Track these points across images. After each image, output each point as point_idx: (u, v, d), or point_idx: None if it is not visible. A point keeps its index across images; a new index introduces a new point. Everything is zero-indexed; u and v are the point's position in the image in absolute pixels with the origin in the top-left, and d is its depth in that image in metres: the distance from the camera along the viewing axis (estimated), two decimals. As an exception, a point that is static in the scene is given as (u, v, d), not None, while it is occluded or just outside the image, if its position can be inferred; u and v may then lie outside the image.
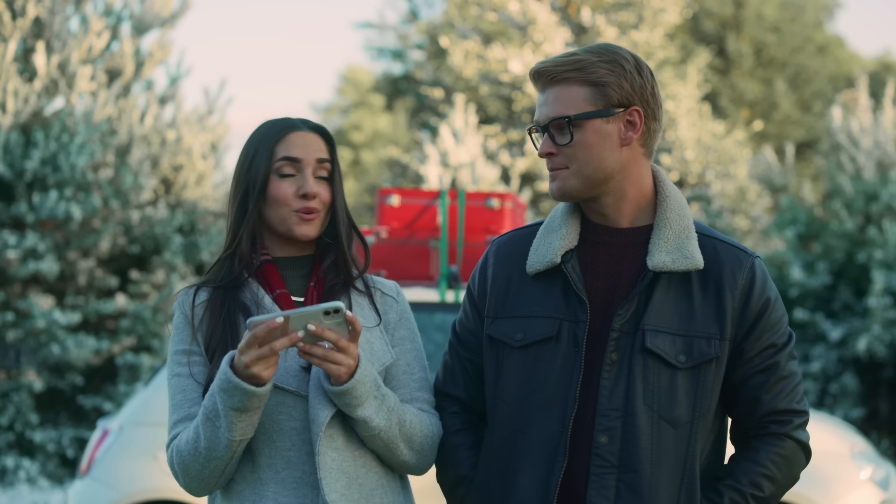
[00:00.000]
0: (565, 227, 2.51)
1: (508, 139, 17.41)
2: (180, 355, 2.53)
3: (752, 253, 2.49)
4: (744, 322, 2.42)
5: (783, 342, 2.45)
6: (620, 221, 2.48)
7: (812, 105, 25.98)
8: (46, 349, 10.26)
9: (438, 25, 23.31)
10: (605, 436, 2.37)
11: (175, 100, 12.09)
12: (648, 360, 2.38)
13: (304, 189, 2.52)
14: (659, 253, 2.41)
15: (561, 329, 2.45)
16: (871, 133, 14.22)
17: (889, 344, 12.04)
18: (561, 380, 2.42)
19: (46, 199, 10.21)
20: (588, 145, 2.42)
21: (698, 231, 2.48)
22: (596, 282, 2.46)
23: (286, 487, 2.46)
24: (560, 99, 2.43)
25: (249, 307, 2.51)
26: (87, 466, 5.90)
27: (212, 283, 2.57)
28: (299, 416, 2.46)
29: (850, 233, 12.92)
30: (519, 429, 2.46)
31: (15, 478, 10.10)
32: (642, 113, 2.44)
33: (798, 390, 2.47)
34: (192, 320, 2.52)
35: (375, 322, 2.57)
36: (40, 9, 11.11)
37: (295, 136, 2.56)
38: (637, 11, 17.45)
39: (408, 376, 2.59)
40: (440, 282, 5.95)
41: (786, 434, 2.44)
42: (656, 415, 2.37)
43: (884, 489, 6.03)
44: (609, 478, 2.36)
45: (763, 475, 2.42)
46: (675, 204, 2.47)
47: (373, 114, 31.00)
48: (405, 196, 6.28)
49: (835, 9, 27.88)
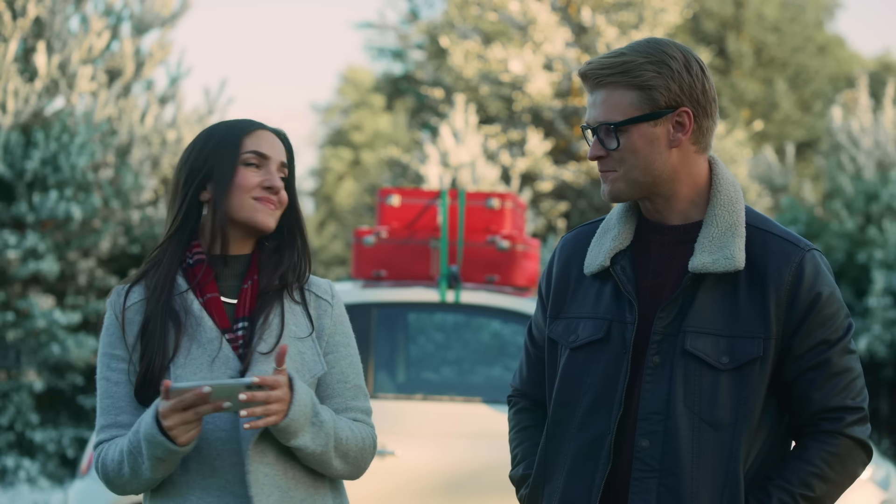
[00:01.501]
0: (619, 226, 2.49)
1: (509, 139, 17.40)
2: (108, 358, 2.54)
3: (806, 246, 2.42)
4: (791, 319, 2.36)
5: (836, 338, 2.38)
6: (672, 219, 2.45)
7: (812, 105, 25.98)
8: (47, 349, 10.25)
9: (439, 25, 23.32)
10: (647, 440, 2.36)
11: (175, 100, 12.09)
12: (689, 363, 2.35)
13: (271, 182, 2.54)
14: (701, 253, 2.37)
15: (611, 330, 2.44)
16: (871, 133, 14.21)
17: (889, 344, 12.03)
18: (608, 382, 2.42)
19: (47, 199, 10.21)
20: (635, 150, 2.39)
21: (752, 224, 2.42)
22: (646, 282, 2.44)
23: (210, 494, 2.48)
24: (607, 102, 2.39)
25: (179, 314, 2.50)
26: (88, 466, 5.90)
27: (143, 283, 2.56)
28: (225, 427, 2.48)
29: (850, 233, 12.92)
30: (570, 430, 2.46)
31: (15, 478, 10.10)
32: (692, 113, 2.39)
33: (854, 386, 2.38)
34: (122, 323, 2.53)
35: (308, 332, 2.56)
36: (41, 9, 11.11)
37: (264, 133, 2.59)
38: (637, 11, 17.43)
39: (342, 385, 2.59)
40: (440, 282, 5.95)
41: (838, 431, 2.36)
42: (697, 417, 2.34)
43: (884, 489, 6.03)
44: (651, 482, 2.35)
45: (814, 474, 2.35)
46: (726, 199, 2.42)
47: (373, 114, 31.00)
48: (405, 196, 6.28)
49: (835, 9, 27.88)
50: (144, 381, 2.48)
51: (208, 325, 2.50)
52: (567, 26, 17.48)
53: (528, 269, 6.21)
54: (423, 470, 5.55)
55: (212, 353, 2.48)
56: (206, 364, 2.48)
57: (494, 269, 6.08)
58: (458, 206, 6.15)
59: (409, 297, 5.94)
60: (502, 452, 5.89)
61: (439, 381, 5.90)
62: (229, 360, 2.49)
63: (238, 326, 2.53)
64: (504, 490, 5.82)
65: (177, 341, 2.49)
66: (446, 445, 5.56)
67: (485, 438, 5.59)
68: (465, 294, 5.95)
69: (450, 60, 18.42)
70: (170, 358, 2.48)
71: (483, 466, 5.56)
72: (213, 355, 2.48)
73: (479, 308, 6.03)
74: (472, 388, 6.31)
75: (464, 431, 5.61)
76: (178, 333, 2.49)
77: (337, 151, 31.66)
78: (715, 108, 2.44)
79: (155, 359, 2.47)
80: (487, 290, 5.99)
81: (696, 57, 2.43)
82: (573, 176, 16.92)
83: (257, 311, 2.53)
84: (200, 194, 2.56)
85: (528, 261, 6.23)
